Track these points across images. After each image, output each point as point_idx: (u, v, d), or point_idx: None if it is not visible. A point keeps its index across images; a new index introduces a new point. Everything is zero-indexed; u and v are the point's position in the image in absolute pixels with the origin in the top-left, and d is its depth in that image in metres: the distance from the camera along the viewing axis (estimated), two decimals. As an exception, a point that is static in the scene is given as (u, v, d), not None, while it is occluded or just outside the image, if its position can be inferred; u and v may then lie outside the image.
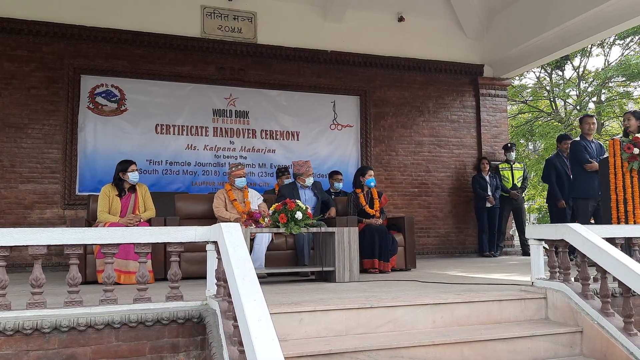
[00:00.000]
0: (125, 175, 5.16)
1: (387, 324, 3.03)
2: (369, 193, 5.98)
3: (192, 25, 7.56)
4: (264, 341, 1.95)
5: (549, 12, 7.73)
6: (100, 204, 5.08)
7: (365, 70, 8.42)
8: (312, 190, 5.74)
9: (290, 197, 5.40)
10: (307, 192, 5.70)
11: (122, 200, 5.14)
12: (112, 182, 5.23)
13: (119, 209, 5.09)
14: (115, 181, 5.19)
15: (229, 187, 5.57)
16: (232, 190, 5.53)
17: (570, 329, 3.15)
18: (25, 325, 2.51)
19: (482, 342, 2.94)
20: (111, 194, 5.12)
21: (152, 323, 2.71)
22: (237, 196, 5.51)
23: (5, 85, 6.75)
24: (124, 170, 5.17)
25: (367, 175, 5.96)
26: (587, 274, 3.26)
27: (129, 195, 5.20)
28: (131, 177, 5.17)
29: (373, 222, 5.73)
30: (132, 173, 5.16)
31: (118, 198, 5.13)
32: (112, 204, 5.09)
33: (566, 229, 3.29)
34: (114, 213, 5.07)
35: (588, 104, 16.18)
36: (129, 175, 5.16)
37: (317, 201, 5.76)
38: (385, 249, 5.54)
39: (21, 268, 6.23)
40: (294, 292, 3.76)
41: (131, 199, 5.19)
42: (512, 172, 8.46)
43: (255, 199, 5.60)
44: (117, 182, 5.18)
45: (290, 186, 5.72)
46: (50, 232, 2.68)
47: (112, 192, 5.14)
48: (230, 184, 5.57)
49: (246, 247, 2.57)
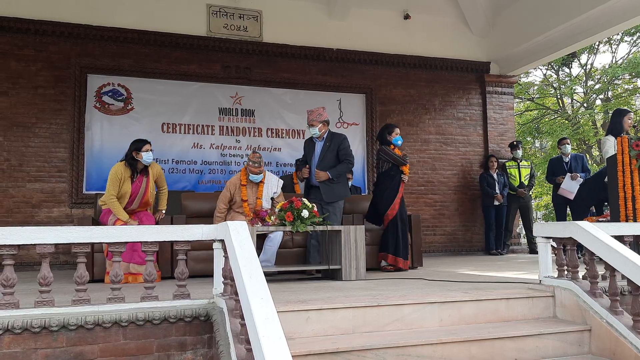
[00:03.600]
0: (139, 155, 4.86)
1: (394, 322, 3.03)
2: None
3: (197, 23, 7.57)
4: (272, 340, 1.94)
5: (556, 8, 7.68)
6: (112, 186, 4.77)
7: (370, 68, 8.40)
8: (324, 144, 5.23)
9: (308, 152, 5.30)
10: (319, 145, 5.27)
11: (133, 184, 4.88)
12: (124, 161, 4.91)
13: (128, 194, 4.84)
14: (129, 161, 4.88)
15: (244, 176, 5.21)
16: (246, 184, 5.18)
17: (579, 328, 3.13)
18: (33, 323, 2.52)
19: (490, 341, 2.93)
20: (123, 176, 4.82)
21: (159, 321, 2.72)
22: (250, 191, 5.20)
23: (13, 84, 6.79)
24: (137, 149, 4.87)
25: (394, 133, 5.54)
26: (596, 272, 3.23)
27: (141, 179, 4.92)
28: (145, 157, 4.88)
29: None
30: (146, 153, 4.87)
31: (129, 181, 4.85)
32: (122, 187, 4.82)
33: (574, 226, 3.27)
34: (123, 198, 4.83)
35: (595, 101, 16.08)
36: (143, 155, 4.86)
37: (327, 156, 5.20)
38: (405, 245, 5.43)
39: (29, 266, 6.26)
40: (300, 290, 3.76)
41: (142, 185, 4.92)
42: (519, 170, 8.43)
43: (272, 191, 5.27)
44: (130, 162, 4.88)
45: (310, 140, 5.37)
46: (58, 230, 2.69)
47: (125, 173, 4.83)
48: (246, 174, 5.22)
49: (253, 245, 2.57)
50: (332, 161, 5.19)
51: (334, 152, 5.21)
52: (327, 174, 5.13)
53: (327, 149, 5.21)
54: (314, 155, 5.28)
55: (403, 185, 5.56)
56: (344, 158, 5.21)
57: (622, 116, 5.91)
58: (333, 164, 5.18)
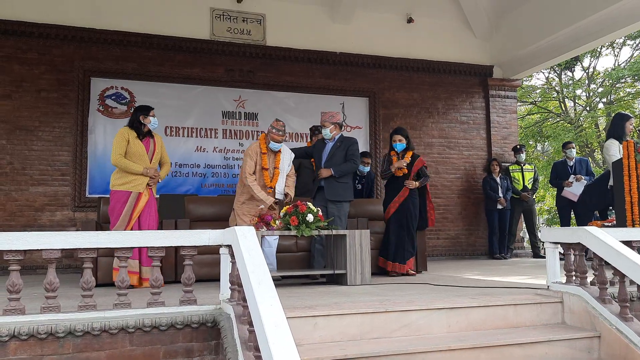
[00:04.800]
0: (147, 119, 4.74)
1: (401, 328, 3.00)
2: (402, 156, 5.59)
3: (201, 27, 7.56)
4: (282, 347, 1.92)
5: (559, 12, 7.67)
6: (118, 145, 4.63)
7: (374, 72, 8.39)
8: (334, 144, 5.25)
9: (317, 151, 5.31)
10: (328, 145, 5.29)
11: (142, 142, 4.75)
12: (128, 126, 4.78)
13: (141, 152, 4.71)
14: (135, 124, 4.75)
15: (264, 143, 5.09)
16: (266, 152, 5.06)
17: (588, 334, 3.10)
18: (39, 329, 2.50)
19: (499, 347, 2.90)
20: (130, 136, 4.70)
21: (166, 327, 2.70)
22: (269, 160, 5.08)
23: (16, 88, 6.79)
24: (145, 114, 4.75)
25: (392, 139, 5.62)
26: (605, 277, 3.21)
27: (148, 140, 4.81)
28: (152, 121, 4.77)
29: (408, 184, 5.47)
30: (153, 118, 4.77)
31: (139, 141, 4.72)
32: (131, 147, 4.68)
33: (583, 232, 3.25)
34: (137, 156, 4.69)
35: (598, 104, 16.06)
36: (150, 119, 4.75)
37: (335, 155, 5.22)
38: (401, 250, 5.38)
39: (32, 270, 6.23)
40: (306, 295, 3.74)
41: (151, 144, 4.82)
42: (522, 174, 8.41)
43: (288, 162, 5.19)
44: (136, 125, 4.75)
45: (321, 140, 5.40)
46: (65, 235, 2.67)
47: (131, 134, 4.72)
48: (267, 142, 5.10)
49: (261, 250, 2.55)
50: (339, 161, 5.22)
51: (343, 152, 5.24)
52: (329, 170, 5.13)
53: (337, 148, 5.26)
54: (323, 154, 5.28)
55: (406, 190, 5.53)
56: (350, 158, 5.23)
57: (624, 121, 5.91)
58: (339, 163, 5.20)
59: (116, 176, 4.73)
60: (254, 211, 4.93)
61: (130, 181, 4.68)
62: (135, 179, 4.69)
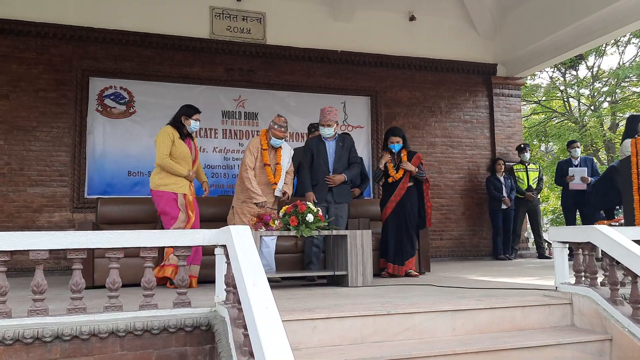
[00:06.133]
0: (188, 121, 4.65)
1: (405, 331, 2.89)
2: (398, 156, 5.44)
3: (200, 26, 7.47)
4: (276, 352, 1.81)
5: (563, 9, 7.55)
6: (164, 145, 4.51)
7: (375, 71, 8.28)
8: (336, 144, 5.23)
9: (315, 149, 5.17)
10: (330, 144, 5.22)
11: (186, 143, 4.67)
12: (170, 124, 4.68)
13: (185, 154, 4.62)
14: (177, 124, 4.66)
15: (265, 139, 5.03)
16: (267, 149, 5.00)
17: (599, 337, 2.98)
18: (25, 334, 2.39)
19: (506, 351, 2.78)
20: (174, 137, 4.59)
21: (158, 331, 2.59)
22: (271, 156, 5.02)
23: (14, 87, 6.70)
24: (188, 115, 4.66)
25: (389, 140, 5.45)
26: (616, 278, 3.08)
27: (189, 142, 4.71)
28: (193, 125, 4.68)
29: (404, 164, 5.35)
30: (194, 121, 4.68)
31: (182, 141, 4.62)
32: (177, 147, 4.58)
33: (593, 230, 3.13)
34: (182, 157, 4.60)
35: (602, 104, 15.91)
36: (191, 122, 4.66)
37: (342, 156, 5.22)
38: (400, 251, 5.27)
39: (29, 272, 6.13)
40: (305, 297, 3.63)
41: (192, 147, 4.73)
42: (527, 174, 8.28)
43: (288, 159, 5.14)
44: (178, 126, 4.65)
45: (317, 138, 5.29)
46: (52, 235, 2.57)
47: (175, 134, 4.60)
48: (267, 138, 5.04)
49: (257, 251, 2.44)
50: (346, 161, 5.24)
51: (347, 152, 5.25)
52: (343, 177, 5.16)
53: (341, 148, 5.22)
54: (326, 155, 5.18)
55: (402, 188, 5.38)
56: (354, 160, 5.28)
57: (637, 122, 5.91)
58: (346, 165, 5.23)
59: (159, 176, 4.61)
60: (254, 210, 4.83)
61: (176, 182, 4.60)
62: (179, 180, 4.62)
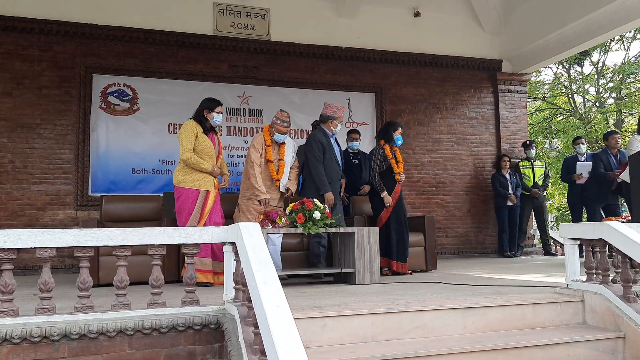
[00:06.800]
0: (210, 114, 4.60)
1: (415, 329, 2.85)
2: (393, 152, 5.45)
3: (204, 22, 7.43)
4: (290, 351, 1.78)
5: (569, 5, 7.49)
6: (187, 140, 4.46)
7: (380, 67, 8.23)
8: (336, 140, 5.21)
9: (326, 144, 5.06)
10: (334, 142, 5.17)
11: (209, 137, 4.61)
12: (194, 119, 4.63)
13: (209, 148, 4.56)
14: (200, 118, 4.60)
15: (268, 135, 4.97)
16: (271, 145, 4.95)
17: (612, 335, 2.94)
18: (33, 332, 2.36)
19: (518, 349, 2.75)
20: (197, 131, 4.54)
21: (167, 330, 2.56)
22: (274, 152, 4.98)
23: (17, 85, 6.67)
24: (210, 108, 4.59)
25: (397, 131, 5.38)
26: (629, 275, 3.05)
27: (212, 136, 4.65)
28: (215, 118, 4.62)
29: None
30: (217, 114, 4.62)
31: (205, 136, 4.56)
32: (200, 142, 4.54)
33: (605, 227, 3.09)
34: (206, 152, 4.55)
35: (607, 100, 15.81)
36: (214, 115, 4.60)
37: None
38: (403, 248, 5.22)
39: (34, 270, 6.12)
40: (313, 295, 3.60)
41: (216, 141, 4.67)
42: (533, 170, 8.22)
43: (292, 155, 5.11)
44: (200, 120, 4.59)
45: (322, 133, 5.11)
46: (59, 233, 2.54)
47: (198, 129, 4.56)
48: (271, 134, 4.99)
49: (267, 248, 2.41)
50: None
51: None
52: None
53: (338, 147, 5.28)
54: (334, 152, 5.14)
55: (399, 186, 5.38)
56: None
57: None
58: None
59: (183, 172, 4.56)
60: (259, 208, 4.79)
61: (199, 178, 4.53)
62: (203, 177, 4.55)
